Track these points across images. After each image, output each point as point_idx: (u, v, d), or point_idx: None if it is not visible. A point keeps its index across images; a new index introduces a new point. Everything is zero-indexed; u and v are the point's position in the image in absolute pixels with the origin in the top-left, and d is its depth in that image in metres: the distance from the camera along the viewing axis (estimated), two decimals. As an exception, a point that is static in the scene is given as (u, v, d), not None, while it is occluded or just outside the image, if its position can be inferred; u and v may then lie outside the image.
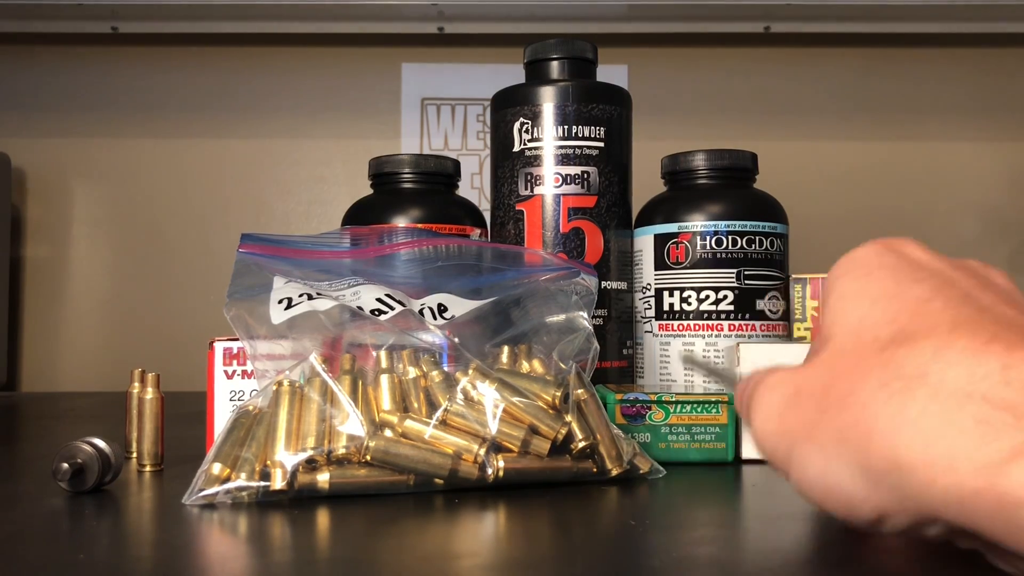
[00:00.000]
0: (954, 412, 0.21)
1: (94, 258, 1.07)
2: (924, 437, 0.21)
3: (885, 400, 0.22)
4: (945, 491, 0.20)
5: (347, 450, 0.36)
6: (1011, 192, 1.06)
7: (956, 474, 0.20)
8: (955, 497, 0.20)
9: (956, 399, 0.21)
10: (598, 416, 0.40)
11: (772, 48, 1.07)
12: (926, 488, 0.21)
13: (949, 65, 1.07)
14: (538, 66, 0.60)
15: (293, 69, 1.08)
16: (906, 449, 0.21)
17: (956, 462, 0.20)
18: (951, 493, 0.20)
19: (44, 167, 1.07)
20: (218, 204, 1.07)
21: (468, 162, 1.06)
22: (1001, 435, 0.20)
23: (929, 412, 0.21)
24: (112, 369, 1.03)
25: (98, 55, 1.07)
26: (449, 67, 1.08)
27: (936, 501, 0.21)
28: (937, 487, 0.21)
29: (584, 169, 0.57)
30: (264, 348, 0.39)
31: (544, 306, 0.44)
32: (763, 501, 0.37)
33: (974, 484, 0.20)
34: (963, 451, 0.20)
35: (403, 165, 0.61)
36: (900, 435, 0.21)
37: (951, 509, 0.21)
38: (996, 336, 0.22)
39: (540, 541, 0.32)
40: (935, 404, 0.21)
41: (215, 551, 0.30)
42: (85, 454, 0.37)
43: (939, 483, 0.20)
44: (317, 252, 0.45)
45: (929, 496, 0.21)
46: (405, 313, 0.40)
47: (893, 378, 0.22)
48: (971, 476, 0.20)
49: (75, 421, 0.69)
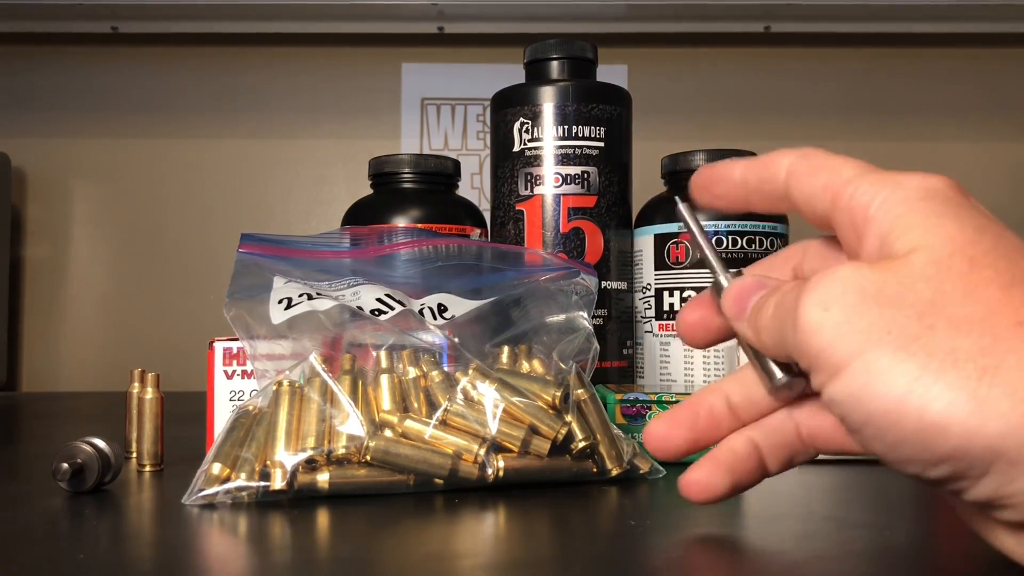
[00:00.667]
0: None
1: (94, 258, 1.07)
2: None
3: (1022, 339, 0.21)
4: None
5: (347, 450, 0.36)
6: (1011, 192, 1.06)
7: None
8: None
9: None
10: (598, 416, 0.40)
11: (772, 48, 1.07)
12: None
13: (949, 65, 1.07)
14: (538, 66, 0.60)
15: (293, 69, 1.08)
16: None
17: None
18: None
19: (44, 167, 1.07)
20: (218, 204, 1.07)
21: (468, 162, 1.06)
22: None
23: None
24: (112, 369, 1.03)
25: (98, 55, 1.07)
26: (449, 67, 1.08)
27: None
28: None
29: (584, 169, 0.57)
30: (264, 348, 0.39)
31: (544, 306, 0.44)
32: (763, 501, 0.37)
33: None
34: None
35: (403, 165, 0.61)
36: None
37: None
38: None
39: (540, 541, 0.32)
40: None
41: (215, 551, 0.30)
42: (85, 454, 0.37)
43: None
44: (317, 252, 0.45)
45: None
46: (405, 313, 0.40)
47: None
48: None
49: (75, 421, 0.69)
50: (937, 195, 0.24)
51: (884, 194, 0.24)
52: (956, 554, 0.29)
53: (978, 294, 0.22)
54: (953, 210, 0.23)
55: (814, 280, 0.23)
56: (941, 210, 0.23)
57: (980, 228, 0.23)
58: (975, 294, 0.22)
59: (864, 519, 0.33)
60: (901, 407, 0.21)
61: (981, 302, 0.21)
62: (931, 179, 0.24)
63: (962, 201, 0.24)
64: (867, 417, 0.22)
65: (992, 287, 0.22)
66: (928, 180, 0.24)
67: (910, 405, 0.21)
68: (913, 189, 0.24)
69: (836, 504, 0.36)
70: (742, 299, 0.27)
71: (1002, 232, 0.23)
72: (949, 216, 0.23)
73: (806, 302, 0.23)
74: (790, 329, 0.24)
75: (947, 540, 0.31)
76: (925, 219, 0.23)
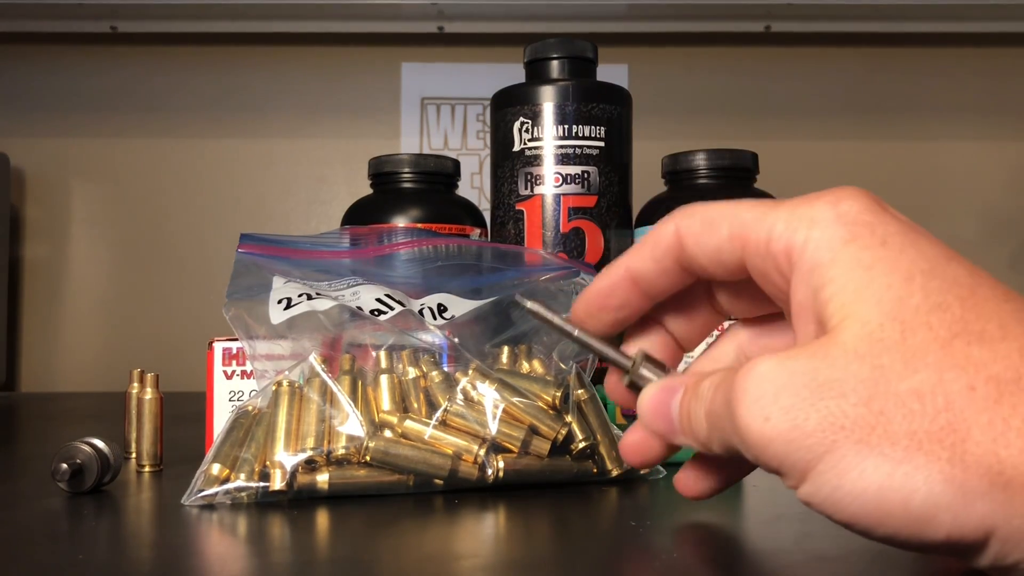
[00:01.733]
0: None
1: (93, 258, 1.07)
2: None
3: (979, 405, 0.20)
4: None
5: (347, 450, 0.36)
6: (1011, 192, 1.06)
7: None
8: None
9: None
10: (598, 417, 0.40)
11: (772, 48, 1.07)
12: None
13: (949, 65, 1.07)
14: (538, 65, 0.60)
15: (293, 69, 1.08)
16: (1017, 465, 0.19)
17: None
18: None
19: (43, 167, 1.07)
20: (218, 204, 1.07)
21: (468, 162, 1.06)
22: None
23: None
24: (111, 369, 1.03)
25: (97, 55, 1.07)
26: (449, 67, 1.08)
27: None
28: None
29: (584, 169, 0.57)
30: (263, 348, 0.39)
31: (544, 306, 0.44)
32: (763, 501, 0.37)
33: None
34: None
35: (403, 165, 0.61)
36: (1007, 447, 0.19)
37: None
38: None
39: (540, 542, 0.32)
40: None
41: (214, 552, 0.30)
42: (84, 454, 0.37)
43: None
44: (316, 252, 0.45)
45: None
46: (405, 313, 0.40)
47: (980, 381, 0.20)
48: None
49: (74, 421, 0.69)
50: (859, 230, 0.22)
51: (803, 234, 0.23)
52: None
53: (919, 361, 0.20)
54: (878, 251, 0.22)
55: (739, 385, 0.22)
56: (866, 258, 0.22)
57: (909, 274, 0.21)
58: (916, 363, 0.20)
59: (864, 519, 0.33)
60: (882, 505, 0.20)
61: (925, 370, 0.20)
62: (843, 203, 0.23)
63: (884, 228, 0.22)
64: (851, 517, 0.21)
65: (931, 348, 0.21)
66: (840, 206, 0.23)
67: (892, 501, 0.20)
68: (833, 225, 0.23)
69: (836, 504, 0.36)
70: (662, 414, 0.26)
71: (933, 262, 0.22)
72: (878, 267, 0.22)
73: (742, 415, 0.22)
74: (739, 444, 0.22)
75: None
76: (850, 275, 0.22)
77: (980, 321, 0.21)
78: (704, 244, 0.25)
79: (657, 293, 0.28)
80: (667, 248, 0.26)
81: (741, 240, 0.24)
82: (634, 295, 0.28)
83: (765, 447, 0.21)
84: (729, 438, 0.23)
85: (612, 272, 0.28)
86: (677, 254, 0.26)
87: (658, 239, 0.26)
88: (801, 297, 0.23)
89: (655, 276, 0.27)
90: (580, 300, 0.29)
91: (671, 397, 0.26)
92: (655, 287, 0.27)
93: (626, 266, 0.27)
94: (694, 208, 0.26)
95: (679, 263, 0.26)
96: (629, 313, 0.28)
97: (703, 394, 0.24)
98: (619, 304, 0.28)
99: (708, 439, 0.24)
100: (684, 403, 0.25)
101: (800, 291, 0.23)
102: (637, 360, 0.28)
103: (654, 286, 0.27)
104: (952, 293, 0.21)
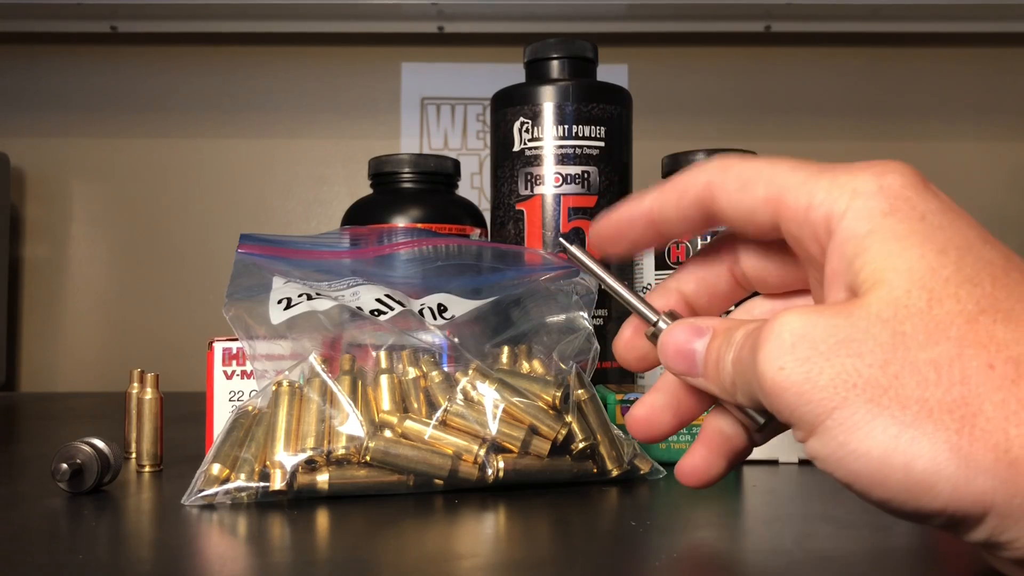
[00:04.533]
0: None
1: (93, 258, 1.07)
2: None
3: (995, 384, 0.20)
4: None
5: (347, 451, 0.36)
6: (1011, 192, 1.06)
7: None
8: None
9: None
10: (598, 416, 0.40)
11: (772, 48, 1.07)
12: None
13: (949, 65, 1.07)
14: (538, 66, 0.60)
15: (293, 69, 1.08)
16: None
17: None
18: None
19: (43, 167, 1.07)
20: (218, 204, 1.07)
21: (468, 162, 1.06)
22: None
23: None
24: (111, 369, 1.03)
25: (97, 55, 1.07)
26: (449, 67, 1.08)
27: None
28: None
29: (584, 169, 0.57)
30: (263, 348, 0.39)
31: (544, 306, 0.44)
32: (763, 501, 0.37)
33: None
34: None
35: (403, 165, 0.61)
36: (1019, 427, 0.19)
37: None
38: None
39: (540, 542, 0.32)
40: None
41: (214, 552, 0.30)
42: (84, 454, 0.37)
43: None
44: (316, 252, 0.45)
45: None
46: (405, 313, 0.40)
47: (1000, 360, 0.20)
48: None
49: (74, 421, 0.69)
50: (899, 204, 0.22)
51: (844, 203, 0.23)
52: (956, 555, 0.29)
53: (941, 333, 0.20)
54: (916, 225, 0.22)
55: (764, 333, 0.22)
56: (903, 230, 0.22)
57: (943, 247, 0.22)
58: (938, 334, 0.20)
59: (864, 519, 0.33)
60: (885, 466, 0.20)
61: (946, 342, 0.20)
62: (887, 176, 0.23)
63: (925, 205, 0.22)
64: (852, 476, 0.21)
65: (956, 322, 0.21)
66: (884, 179, 0.23)
67: (894, 464, 0.20)
68: (874, 197, 0.22)
69: (836, 504, 0.36)
70: (685, 354, 0.26)
71: (968, 242, 0.22)
72: (912, 238, 0.22)
73: (760, 360, 0.22)
74: (758, 391, 0.22)
75: (947, 541, 0.31)
76: (885, 244, 0.22)
77: (1010, 300, 0.21)
78: (737, 203, 0.25)
79: (674, 236, 0.27)
80: (695, 199, 0.26)
81: (777, 204, 0.24)
82: (650, 233, 0.27)
83: (778, 396, 0.22)
84: (752, 387, 0.23)
85: (634, 208, 0.27)
86: (705, 206, 0.26)
87: (686, 188, 0.26)
88: (835, 265, 0.23)
89: (676, 221, 0.27)
90: (598, 226, 0.28)
91: (697, 337, 0.26)
92: (673, 231, 0.27)
93: (649, 207, 0.27)
94: (729, 162, 0.25)
95: (705, 215, 0.26)
96: (642, 247, 0.28)
97: (735, 340, 0.24)
98: (634, 239, 0.28)
99: (733, 386, 0.24)
100: (713, 347, 0.25)
101: (835, 259, 0.23)
102: (664, 315, 0.27)
103: (672, 230, 0.27)
104: (985, 271, 0.21)
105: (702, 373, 0.25)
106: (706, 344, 0.25)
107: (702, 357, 0.25)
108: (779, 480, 0.41)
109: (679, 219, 0.26)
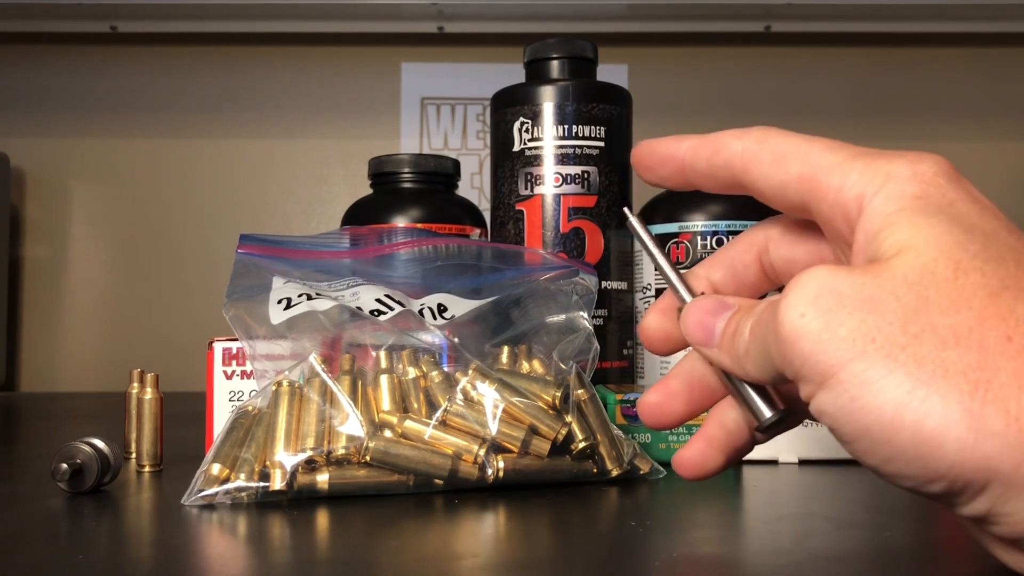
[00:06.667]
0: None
1: (93, 258, 1.07)
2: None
3: (1012, 354, 0.20)
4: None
5: (347, 451, 0.36)
6: (1011, 192, 1.06)
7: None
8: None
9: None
10: (598, 416, 0.40)
11: (772, 48, 1.07)
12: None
13: (950, 65, 1.07)
14: (538, 65, 0.60)
15: (293, 69, 1.07)
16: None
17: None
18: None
19: (43, 167, 1.07)
20: (218, 204, 1.07)
21: (468, 162, 1.06)
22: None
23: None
24: (111, 369, 1.03)
25: (97, 55, 1.07)
26: (449, 67, 1.08)
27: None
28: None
29: (584, 169, 0.57)
30: (263, 348, 0.39)
31: (544, 306, 0.44)
32: (763, 501, 0.37)
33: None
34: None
35: (403, 165, 0.61)
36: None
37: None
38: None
39: (540, 542, 0.32)
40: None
41: (214, 552, 0.30)
42: (84, 454, 0.37)
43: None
44: (316, 252, 0.45)
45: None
46: (405, 313, 0.40)
47: (1019, 334, 0.20)
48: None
49: (74, 421, 0.69)
50: (930, 190, 0.23)
51: (876, 186, 0.23)
52: (955, 555, 0.29)
53: (964, 303, 0.21)
54: (945, 209, 0.22)
55: (789, 285, 0.23)
56: (932, 210, 0.22)
57: (970, 228, 0.22)
58: (960, 303, 0.21)
59: (864, 519, 0.33)
60: (895, 422, 0.20)
61: (967, 311, 0.21)
62: (922, 164, 0.23)
63: (955, 194, 0.23)
64: (860, 431, 0.21)
65: (979, 294, 0.21)
66: (919, 166, 0.23)
67: (904, 420, 0.20)
68: (907, 182, 0.23)
69: (836, 504, 0.36)
70: (705, 324, 0.26)
71: (994, 230, 0.22)
72: (940, 216, 0.22)
73: (783, 310, 0.22)
74: (772, 341, 0.23)
75: (947, 541, 0.31)
76: (913, 218, 0.22)
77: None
78: (770, 178, 0.25)
79: (701, 188, 0.28)
80: (725, 162, 0.26)
81: (810, 183, 0.24)
82: (678, 177, 0.28)
83: (794, 342, 0.22)
84: (767, 347, 0.23)
85: (672, 148, 0.28)
86: (735, 172, 0.26)
87: (720, 148, 0.27)
88: (862, 239, 0.23)
89: (703, 175, 0.27)
90: (639, 151, 0.29)
91: (722, 311, 0.26)
92: (700, 183, 0.28)
93: (683, 153, 0.28)
94: (765, 135, 0.26)
95: (732, 179, 0.26)
96: (671, 185, 0.29)
97: (757, 310, 0.24)
98: (664, 176, 0.28)
99: (744, 354, 0.24)
100: (733, 319, 0.25)
101: (862, 235, 0.23)
102: (701, 296, 0.28)
103: (699, 182, 0.28)
104: (1010, 255, 0.22)
105: (717, 344, 0.26)
106: (728, 317, 0.26)
107: (721, 328, 0.26)
108: (779, 480, 0.41)
109: (706, 174, 0.27)
